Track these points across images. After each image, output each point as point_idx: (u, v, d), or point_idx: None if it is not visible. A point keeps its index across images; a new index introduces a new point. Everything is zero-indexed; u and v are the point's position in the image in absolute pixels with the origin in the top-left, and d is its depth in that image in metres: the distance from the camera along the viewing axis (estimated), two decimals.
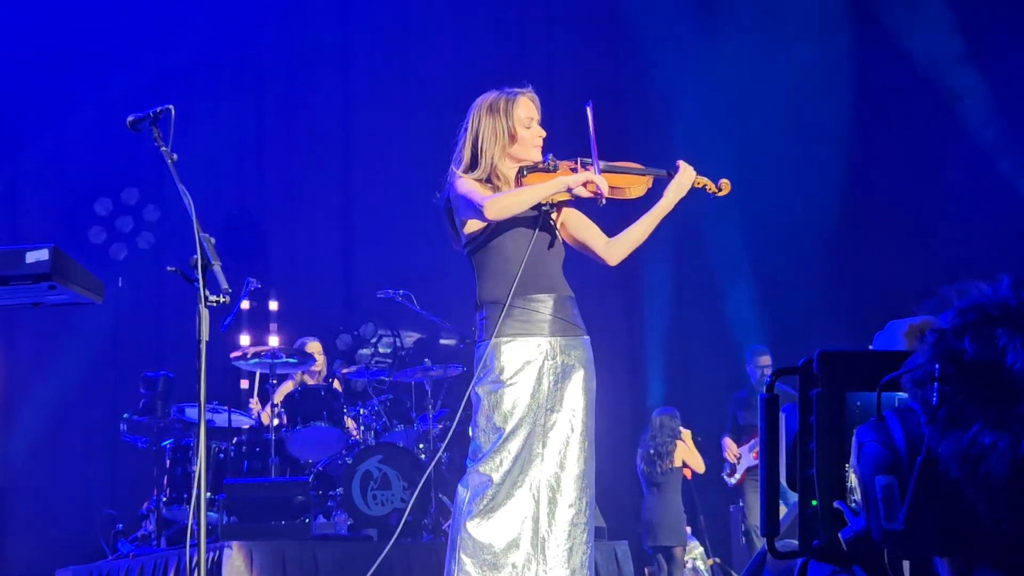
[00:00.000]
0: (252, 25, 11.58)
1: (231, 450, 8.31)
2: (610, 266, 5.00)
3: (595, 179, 4.64)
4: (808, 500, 1.82)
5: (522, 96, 4.86)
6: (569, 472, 4.74)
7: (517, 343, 4.71)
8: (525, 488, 4.67)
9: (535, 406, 4.71)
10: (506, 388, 4.68)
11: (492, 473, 4.64)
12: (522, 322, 4.72)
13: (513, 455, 4.64)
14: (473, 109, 4.84)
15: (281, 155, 11.53)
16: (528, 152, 4.82)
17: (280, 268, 11.10)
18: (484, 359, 4.72)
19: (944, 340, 1.55)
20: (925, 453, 1.51)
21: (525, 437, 4.67)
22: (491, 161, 4.75)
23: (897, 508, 1.54)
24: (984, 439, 1.47)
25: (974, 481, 1.48)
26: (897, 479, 1.54)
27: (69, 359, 10.40)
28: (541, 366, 4.72)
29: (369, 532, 7.96)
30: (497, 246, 4.75)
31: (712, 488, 10.48)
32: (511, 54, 12.31)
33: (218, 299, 4.05)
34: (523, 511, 4.67)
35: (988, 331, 1.51)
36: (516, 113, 4.80)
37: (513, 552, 4.64)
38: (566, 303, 4.82)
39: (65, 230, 10.53)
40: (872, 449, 1.57)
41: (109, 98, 10.42)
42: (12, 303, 4.17)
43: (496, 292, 4.73)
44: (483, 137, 4.76)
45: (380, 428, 8.63)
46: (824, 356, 1.85)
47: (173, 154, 4.30)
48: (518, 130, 4.79)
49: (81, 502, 10.14)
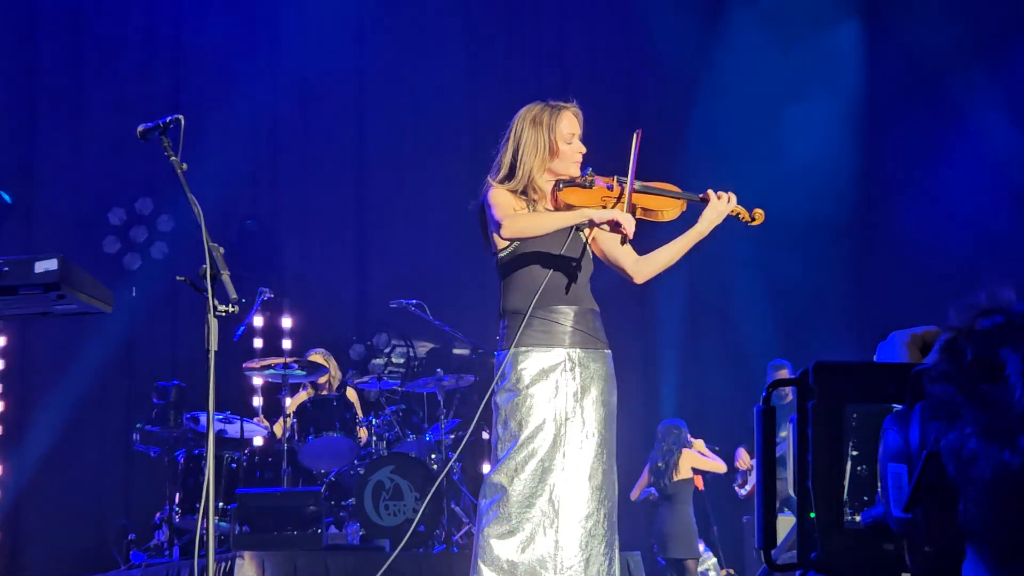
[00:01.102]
0: (267, 36, 11.62)
1: (243, 460, 8.32)
2: (636, 283, 5.05)
3: (621, 219, 4.57)
4: (806, 512, 1.82)
5: (566, 110, 4.90)
6: (587, 483, 4.73)
7: (535, 353, 4.73)
8: (544, 498, 4.68)
9: (552, 416, 4.71)
10: (522, 396, 4.69)
11: (505, 481, 4.66)
12: (542, 332, 4.75)
13: (529, 463, 4.66)
14: (516, 119, 4.89)
15: (295, 165, 11.55)
16: (568, 167, 4.85)
17: (294, 278, 11.11)
18: (502, 368, 4.74)
19: (956, 342, 1.57)
20: (933, 446, 1.53)
21: (541, 446, 4.68)
22: (529, 173, 4.78)
23: (904, 497, 1.56)
24: (972, 443, 1.49)
25: (966, 481, 1.50)
26: (907, 469, 1.57)
27: (82, 369, 10.42)
28: (559, 377, 4.74)
29: (381, 542, 7.95)
30: (526, 256, 4.78)
31: (726, 499, 10.46)
32: (524, 66, 12.34)
33: (227, 309, 4.07)
34: (540, 520, 4.68)
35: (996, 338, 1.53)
36: (559, 127, 4.84)
37: (530, 561, 4.65)
38: (588, 316, 4.85)
39: (79, 240, 10.56)
40: (891, 437, 1.60)
41: (124, 108, 10.45)
42: (21, 312, 4.19)
43: (519, 302, 4.76)
44: (524, 148, 4.80)
45: (392, 438, 8.63)
46: (820, 368, 1.85)
47: (183, 164, 4.32)
48: (559, 144, 4.83)
49: (94, 512, 10.15)
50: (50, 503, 10.27)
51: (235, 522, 7.76)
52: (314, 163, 11.54)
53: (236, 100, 11.31)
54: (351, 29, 11.83)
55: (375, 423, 8.65)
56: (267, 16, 11.58)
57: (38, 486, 10.29)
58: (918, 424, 1.58)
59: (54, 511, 10.23)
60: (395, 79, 11.83)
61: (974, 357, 1.53)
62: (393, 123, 11.67)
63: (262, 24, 11.56)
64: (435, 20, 12.05)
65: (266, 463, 8.34)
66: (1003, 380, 1.49)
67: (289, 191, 11.53)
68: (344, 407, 8.44)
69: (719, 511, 10.51)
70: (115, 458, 10.37)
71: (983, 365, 1.52)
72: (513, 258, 4.80)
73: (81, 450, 10.40)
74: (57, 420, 10.29)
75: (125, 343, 10.60)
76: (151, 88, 10.81)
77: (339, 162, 11.58)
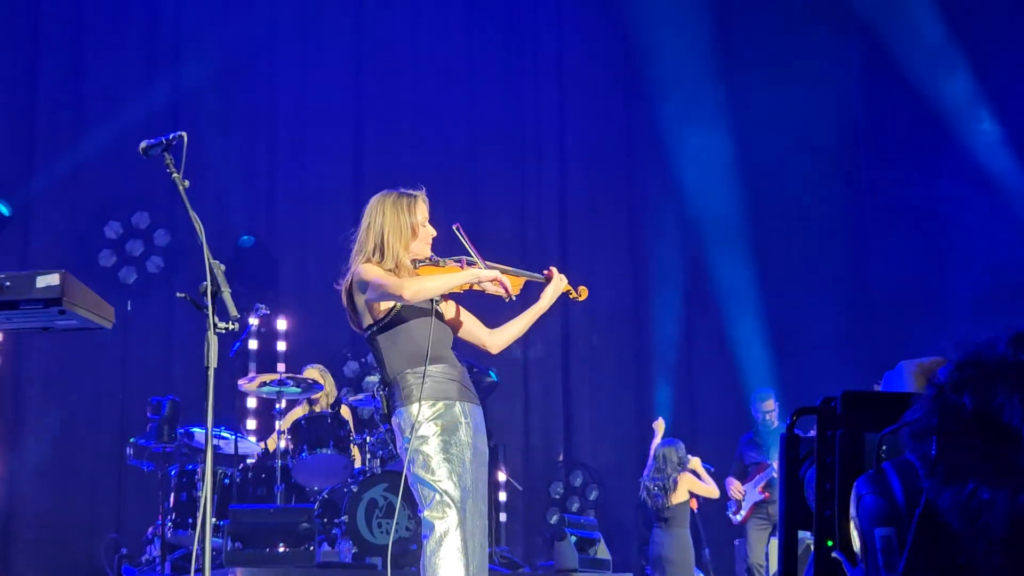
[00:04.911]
0: (265, 51, 11.64)
1: (237, 476, 8.31)
2: (492, 353, 5.56)
3: (502, 278, 5.14)
4: (824, 540, 1.82)
5: (419, 197, 5.36)
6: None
7: (440, 404, 5.11)
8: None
9: (470, 458, 5.10)
10: (440, 440, 5.06)
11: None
12: (439, 388, 5.14)
13: (459, 499, 5.01)
14: (375, 206, 5.35)
15: (292, 181, 11.55)
16: (422, 248, 5.31)
17: (289, 294, 11.11)
18: (417, 418, 5.07)
19: (943, 394, 1.56)
20: (923, 505, 1.52)
21: (467, 485, 5.05)
22: (397, 253, 5.21)
23: (896, 558, 1.55)
24: (983, 493, 1.47)
25: (974, 533, 1.48)
26: (896, 530, 1.55)
27: (77, 382, 10.41)
28: (462, 423, 5.12)
29: (373, 560, 7.94)
30: (403, 327, 5.19)
31: (717, 521, 10.46)
32: (521, 85, 12.38)
33: (227, 326, 4.07)
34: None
35: (986, 387, 1.52)
36: (416, 212, 5.30)
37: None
38: (465, 373, 5.30)
39: (75, 253, 10.56)
40: (871, 501, 1.59)
41: (120, 122, 10.47)
42: (22, 327, 4.19)
43: (409, 363, 5.16)
44: (387, 231, 5.25)
45: (386, 456, 8.61)
46: (848, 397, 1.84)
47: (185, 181, 4.32)
48: (418, 228, 5.27)
49: (86, 526, 10.13)
50: (42, 516, 10.24)
51: (227, 538, 7.75)
52: (311, 180, 11.55)
53: (234, 116, 11.34)
54: (349, 41, 11.86)
55: (369, 441, 8.64)
56: (266, 33, 11.61)
57: (32, 499, 10.26)
58: (899, 483, 1.57)
59: (46, 524, 10.20)
60: (393, 94, 11.86)
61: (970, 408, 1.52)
62: (391, 139, 11.70)
63: (262, 41, 11.58)
64: (432, 36, 12.09)
65: (259, 479, 8.33)
66: (1004, 427, 1.49)
67: (285, 207, 11.53)
68: (338, 424, 8.44)
69: (710, 533, 10.51)
70: (108, 472, 10.35)
71: (979, 414, 1.51)
72: (392, 330, 5.20)
73: (74, 464, 10.38)
74: (50, 433, 10.28)
75: (120, 357, 10.60)
76: (150, 103, 10.81)
77: (336, 179, 11.58)
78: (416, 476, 5.06)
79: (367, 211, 5.38)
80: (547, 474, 11.98)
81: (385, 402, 5.30)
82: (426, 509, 5.02)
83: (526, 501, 11.52)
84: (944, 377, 1.57)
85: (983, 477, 1.48)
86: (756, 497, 9.92)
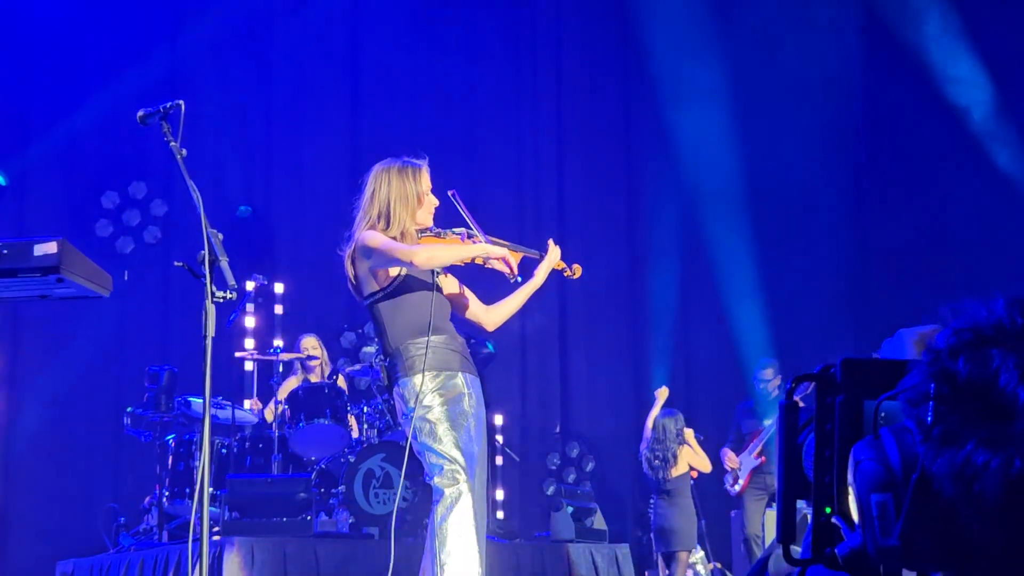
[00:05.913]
0: (262, 21, 11.60)
1: (234, 446, 8.32)
2: (488, 331, 5.65)
3: (509, 257, 5.24)
4: (823, 507, 1.82)
5: (423, 167, 5.39)
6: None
7: (444, 376, 5.17)
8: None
9: (474, 426, 5.18)
10: (445, 410, 5.12)
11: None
12: (442, 359, 5.19)
13: (466, 465, 5.08)
14: (378, 174, 5.36)
15: (289, 152, 11.53)
16: (426, 218, 5.35)
17: (286, 265, 11.10)
18: (420, 388, 5.10)
19: (939, 360, 1.56)
20: (920, 471, 1.52)
21: (473, 452, 5.13)
22: (403, 221, 5.24)
23: (892, 525, 1.55)
24: (978, 459, 1.48)
25: (968, 499, 1.49)
26: (892, 496, 1.55)
27: (74, 352, 10.40)
28: (465, 393, 5.19)
29: (371, 530, 7.96)
30: (405, 297, 5.21)
31: (713, 493, 10.48)
32: (518, 58, 12.35)
33: (224, 295, 4.07)
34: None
35: (982, 352, 1.52)
36: (421, 181, 5.32)
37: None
38: (465, 345, 5.37)
39: (72, 223, 10.54)
40: (868, 467, 1.59)
41: (117, 92, 10.43)
42: (20, 295, 4.19)
43: (411, 334, 5.18)
44: (394, 200, 5.27)
45: (383, 426, 8.62)
46: (848, 364, 1.84)
47: (183, 149, 4.31)
48: (423, 197, 5.33)
49: (83, 495, 10.14)
50: (39, 486, 10.26)
51: (224, 508, 7.77)
52: (308, 149, 11.53)
53: (231, 85, 11.30)
54: (346, 14, 11.82)
55: (366, 411, 8.65)
56: (263, 3, 11.56)
57: (28, 468, 10.28)
58: (896, 449, 1.58)
59: (43, 494, 10.21)
60: (391, 66, 11.83)
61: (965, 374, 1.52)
62: (387, 110, 11.67)
63: (259, 11, 11.53)
64: (430, 5, 12.05)
65: (256, 449, 8.34)
66: (999, 393, 1.48)
67: (282, 177, 11.51)
68: (335, 395, 8.44)
69: (706, 505, 10.53)
70: (105, 442, 10.35)
71: (974, 379, 1.51)
72: (393, 299, 5.22)
73: (71, 433, 10.39)
74: (47, 403, 10.28)
75: (117, 327, 10.59)
76: (146, 71, 10.77)
77: (334, 149, 11.56)
78: (424, 444, 5.11)
79: (371, 179, 5.38)
80: (544, 445, 12.01)
81: (386, 372, 5.30)
82: (436, 476, 5.07)
83: (523, 472, 11.54)
84: (941, 342, 1.57)
85: (978, 443, 1.48)
86: (753, 463, 9.94)
